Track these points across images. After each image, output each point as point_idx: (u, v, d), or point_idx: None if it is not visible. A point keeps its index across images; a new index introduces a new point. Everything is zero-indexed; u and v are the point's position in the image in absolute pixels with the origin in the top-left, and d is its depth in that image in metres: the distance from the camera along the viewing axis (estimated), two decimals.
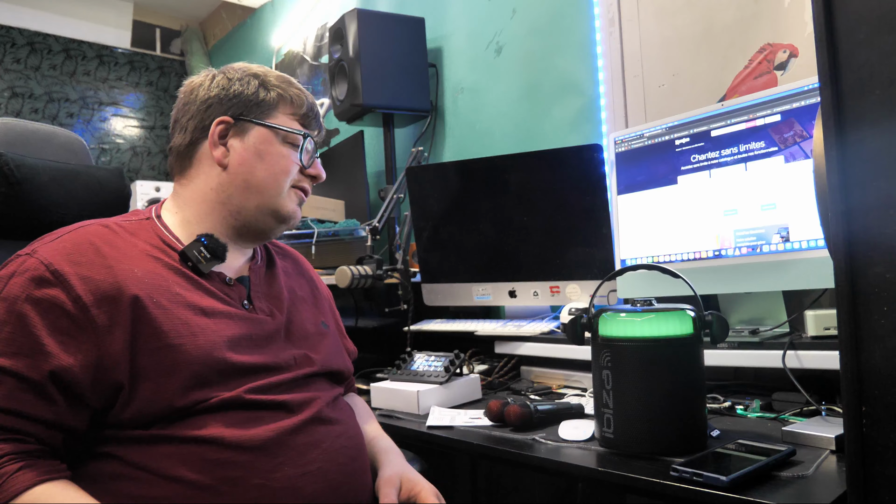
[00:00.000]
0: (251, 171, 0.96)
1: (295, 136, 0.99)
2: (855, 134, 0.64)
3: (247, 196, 0.96)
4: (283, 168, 0.98)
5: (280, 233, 1.03)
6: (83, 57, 4.04)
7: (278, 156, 0.98)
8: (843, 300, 0.64)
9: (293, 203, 1.00)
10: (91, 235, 0.87)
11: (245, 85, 0.98)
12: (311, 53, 3.17)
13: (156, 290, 0.85)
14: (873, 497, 0.63)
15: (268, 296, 1.00)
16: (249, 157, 0.96)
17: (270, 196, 0.97)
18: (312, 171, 1.03)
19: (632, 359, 0.97)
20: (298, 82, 1.04)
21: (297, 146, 1.00)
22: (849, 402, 0.64)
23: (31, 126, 1.30)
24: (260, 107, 0.98)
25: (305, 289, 1.11)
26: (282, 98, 0.99)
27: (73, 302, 0.79)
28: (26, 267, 0.81)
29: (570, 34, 1.95)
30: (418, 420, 1.27)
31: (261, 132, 0.97)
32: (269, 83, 0.99)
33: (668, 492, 0.83)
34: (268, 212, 0.97)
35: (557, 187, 1.61)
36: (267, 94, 0.98)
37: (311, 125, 1.03)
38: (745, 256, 1.28)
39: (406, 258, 1.78)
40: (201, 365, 0.83)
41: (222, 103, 0.97)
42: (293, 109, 1.00)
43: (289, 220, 1.00)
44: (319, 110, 1.06)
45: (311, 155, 1.03)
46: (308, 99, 1.02)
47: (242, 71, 0.99)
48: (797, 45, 1.46)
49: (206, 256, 0.92)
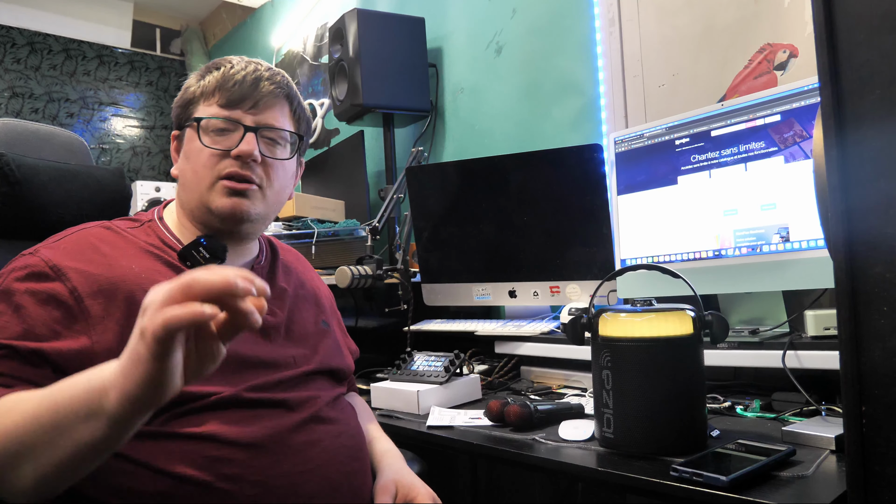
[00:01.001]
0: (184, 173, 0.96)
1: (215, 122, 0.91)
2: (855, 134, 0.64)
3: (189, 197, 0.95)
4: (201, 162, 0.92)
5: (231, 229, 0.94)
6: (83, 57, 4.04)
7: (197, 150, 0.92)
8: (843, 300, 0.64)
9: (221, 197, 0.91)
10: (92, 236, 0.89)
11: (185, 88, 0.96)
12: (311, 53, 3.17)
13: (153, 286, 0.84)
14: (873, 497, 0.63)
15: (270, 296, 0.99)
16: (182, 162, 0.96)
17: (199, 193, 0.92)
18: (236, 150, 0.91)
19: (632, 359, 0.97)
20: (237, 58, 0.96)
21: (222, 132, 0.92)
22: (849, 402, 0.64)
23: (31, 126, 1.30)
24: (186, 107, 0.95)
25: (307, 288, 1.10)
26: (201, 87, 0.94)
27: (70, 292, 0.81)
28: (27, 263, 0.83)
29: (570, 34, 1.95)
30: (418, 420, 1.27)
31: (188, 133, 0.95)
32: (201, 76, 0.95)
33: (668, 492, 0.83)
34: (206, 210, 0.93)
35: (557, 187, 1.61)
36: (195, 88, 0.95)
37: (232, 101, 0.92)
38: (745, 256, 1.28)
39: (406, 258, 1.78)
40: None
41: (175, 116, 0.98)
42: (213, 97, 0.93)
43: (224, 214, 0.91)
44: (250, 77, 0.93)
45: (227, 136, 0.92)
46: (223, 74, 0.92)
47: (199, 70, 0.97)
48: (797, 45, 1.46)
49: (204, 257, 0.91)
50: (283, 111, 0.97)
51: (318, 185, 2.81)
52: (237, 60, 0.95)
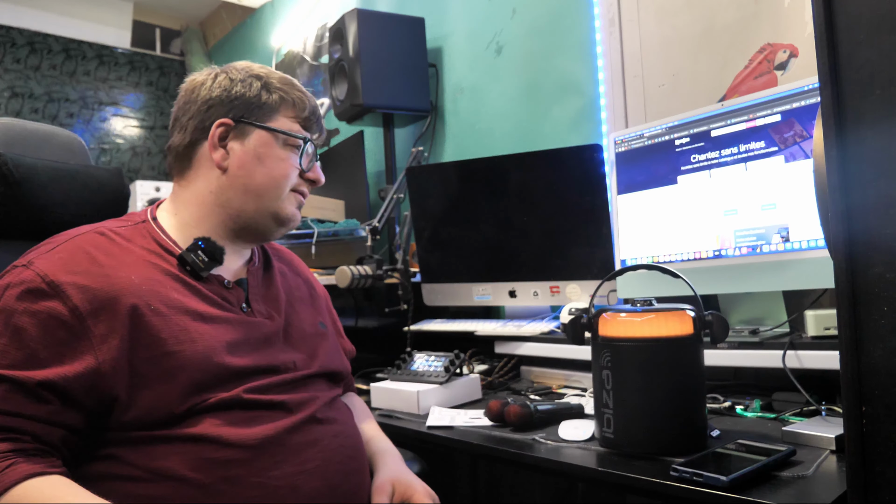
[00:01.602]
0: (250, 174, 0.95)
1: (295, 139, 0.98)
2: (855, 134, 0.64)
3: (246, 199, 0.95)
4: (282, 172, 0.97)
5: (279, 235, 1.02)
6: (83, 57, 4.04)
7: (278, 159, 0.97)
8: (843, 300, 0.64)
9: (292, 206, 1.00)
10: (86, 244, 0.86)
11: (247, 87, 0.97)
12: (311, 53, 3.17)
13: (154, 297, 0.84)
14: (873, 497, 0.63)
15: (266, 298, 1.00)
16: (249, 161, 0.95)
17: (270, 199, 0.96)
18: (312, 175, 1.02)
19: (632, 359, 0.97)
20: (301, 84, 1.03)
21: (297, 149, 0.99)
22: (849, 402, 0.64)
23: (30, 126, 1.30)
24: (261, 109, 0.96)
25: (303, 289, 1.10)
26: (284, 101, 0.98)
27: (71, 312, 0.79)
28: (22, 278, 0.80)
29: (570, 34, 1.95)
30: (418, 420, 1.27)
31: (261, 135, 0.96)
32: (271, 85, 0.98)
33: (668, 492, 0.83)
34: (267, 215, 0.97)
35: (557, 187, 1.61)
36: (269, 96, 0.97)
37: (312, 128, 1.02)
38: (745, 256, 1.28)
39: (406, 258, 1.78)
40: (201, 371, 0.83)
41: (223, 104, 0.95)
42: (295, 112, 0.99)
43: (288, 223, 1.00)
44: (321, 112, 1.05)
45: (311, 159, 1.02)
46: (310, 102, 1.02)
47: (245, 71, 0.98)
48: (797, 45, 1.46)
49: (203, 260, 0.91)
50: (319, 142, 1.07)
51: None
52: (300, 85, 1.03)
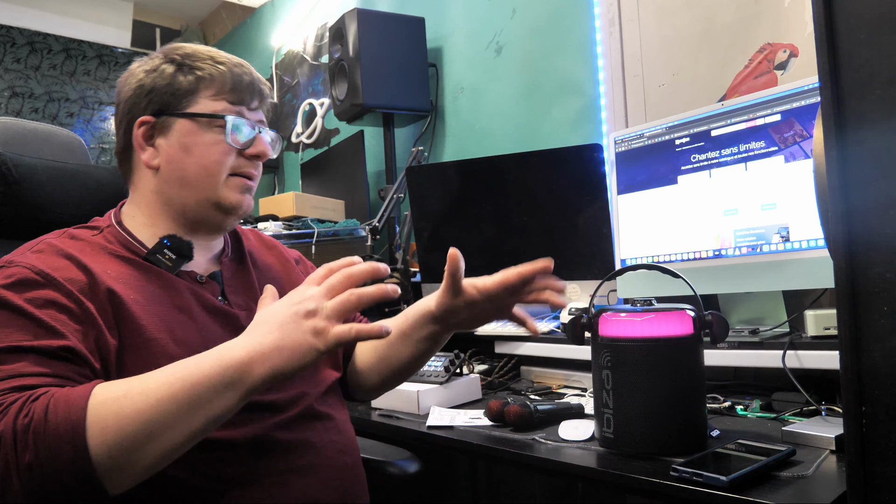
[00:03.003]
0: (182, 167, 0.91)
1: (220, 119, 0.91)
2: (855, 134, 0.64)
3: (184, 194, 0.91)
4: (213, 158, 0.90)
5: (231, 224, 0.97)
6: (83, 57, 4.04)
7: (206, 145, 0.90)
8: (843, 300, 0.64)
9: (235, 193, 0.93)
10: (58, 244, 0.85)
11: (159, 75, 0.91)
12: (311, 53, 3.17)
13: (131, 287, 0.84)
14: (873, 497, 0.63)
15: (242, 288, 0.97)
16: (177, 154, 0.91)
17: (208, 189, 0.91)
18: (252, 150, 0.93)
19: (632, 359, 0.97)
20: (227, 54, 0.95)
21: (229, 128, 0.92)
22: (849, 402, 0.64)
23: (30, 125, 1.30)
24: (178, 96, 0.91)
25: (274, 267, 1.07)
26: (201, 80, 0.91)
27: (67, 296, 0.78)
28: (10, 273, 0.79)
29: (570, 34, 1.95)
30: (418, 420, 1.27)
31: (183, 124, 0.91)
32: (186, 65, 0.91)
33: (668, 492, 0.83)
34: (209, 205, 0.92)
35: (557, 187, 1.61)
36: (185, 78, 0.91)
37: (243, 99, 0.93)
38: (745, 256, 1.28)
39: (406, 258, 1.78)
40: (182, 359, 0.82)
41: (140, 101, 0.92)
42: (216, 89, 0.92)
43: (235, 211, 0.93)
44: (254, 76, 0.95)
45: (245, 134, 0.93)
46: (233, 72, 0.92)
47: (160, 57, 0.93)
48: (797, 44, 1.46)
49: (171, 258, 0.90)
50: (266, 108, 0.99)
51: (318, 185, 2.81)
52: (223, 55, 0.94)
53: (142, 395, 0.68)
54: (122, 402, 0.67)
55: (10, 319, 0.75)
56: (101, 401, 0.67)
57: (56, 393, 0.67)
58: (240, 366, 0.69)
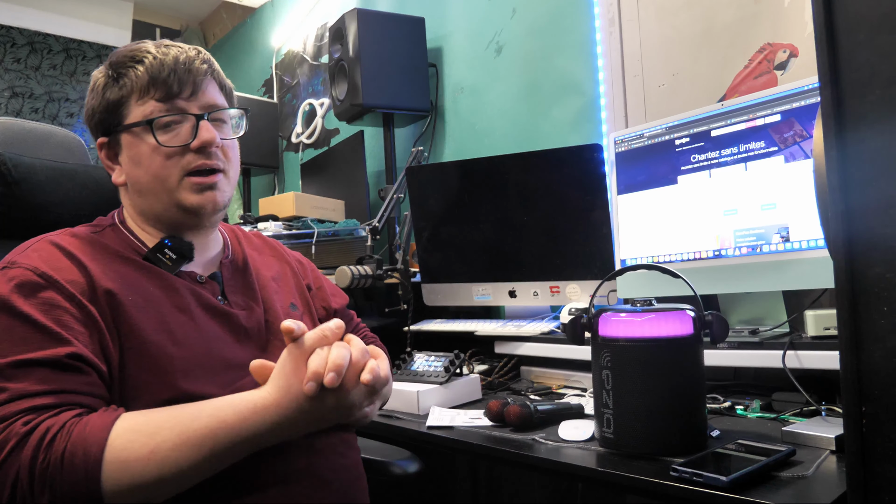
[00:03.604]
0: (137, 180, 0.91)
1: (162, 119, 0.88)
2: (855, 134, 0.64)
3: (150, 202, 0.91)
4: (158, 164, 0.88)
5: (203, 223, 0.94)
6: (83, 57, 4.04)
7: (148, 154, 0.88)
8: (843, 300, 0.64)
9: (192, 194, 0.89)
10: (59, 242, 0.85)
11: (97, 94, 0.91)
12: (311, 53, 3.17)
13: (129, 289, 0.84)
14: (873, 497, 0.63)
15: (242, 289, 0.98)
16: (131, 168, 0.91)
17: (165, 195, 0.90)
18: (195, 142, 0.88)
19: (632, 359, 0.97)
20: (147, 47, 0.90)
21: (169, 127, 0.88)
22: (849, 402, 0.64)
23: (29, 125, 1.30)
24: (111, 111, 0.90)
25: (274, 267, 1.07)
26: (123, 87, 0.88)
27: (69, 299, 0.78)
28: (12, 276, 0.79)
29: (570, 34, 1.95)
30: (418, 420, 1.27)
31: (125, 138, 0.90)
32: (112, 74, 0.89)
33: (668, 492, 0.83)
34: (173, 208, 0.90)
35: (557, 187, 1.61)
36: (111, 91, 0.89)
37: (171, 91, 0.88)
38: (745, 256, 1.28)
39: (406, 258, 1.78)
40: (182, 360, 0.82)
41: (95, 125, 0.93)
42: (139, 91, 0.88)
43: (199, 212, 0.90)
44: (180, 61, 0.88)
45: (181, 129, 0.89)
46: (151, 66, 0.87)
47: (98, 72, 0.92)
48: (797, 45, 1.46)
49: (171, 258, 0.90)
50: (215, 87, 0.94)
51: (318, 185, 2.81)
52: (151, 47, 0.90)
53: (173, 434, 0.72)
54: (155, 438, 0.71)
55: (14, 327, 0.75)
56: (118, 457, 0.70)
57: (74, 433, 0.69)
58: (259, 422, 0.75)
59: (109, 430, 0.70)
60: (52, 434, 0.68)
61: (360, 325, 1.23)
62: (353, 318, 1.22)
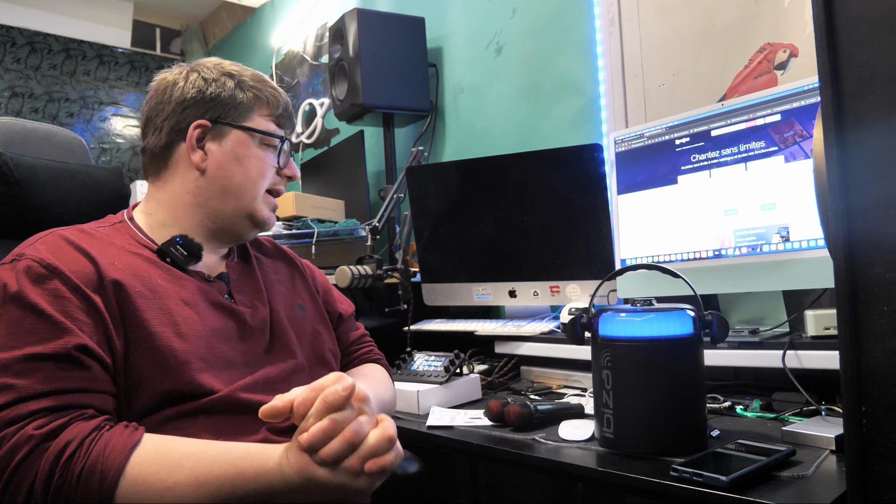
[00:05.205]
0: (229, 175, 0.96)
1: (272, 138, 1.00)
2: (855, 134, 0.64)
3: (224, 200, 0.97)
4: (259, 172, 0.98)
5: (253, 237, 1.04)
6: (83, 57, 4.04)
7: (256, 159, 0.98)
8: (843, 300, 0.64)
9: (267, 209, 1.01)
10: (68, 236, 0.87)
11: (221, 86, 0.97)
12: (311, 53, 3.17)
13: (137, 280, 0.85)
14: (873, 497, 0.63)
15: (248, 289, 1.01)
16: (227, 162, 0.96)
17: (247, 200, 0.98)
18: (288, 171, 1.03)
19: (632, 359, 0.97)
20: (272, 81, 1.04)
21: (274, 148, 1.01)
22: (849, 402, 0.64)
23: (30, 125, 1.30)
24: (237, 109, 0.97)
25: (282, 270, 1.11)
26: (258, 99, 0.99)
27: (73, 291, 0.79)
28: (19, 268, 0.80)
29: (570, 34, 1.95)
30: (418, 420, 1.27)
31: (239, 136, 0.97)
32: (244, 83, 0.99)
33: (668, 492, 0.83)
34: (244, 215, 0.98)
35: (557, 187, 1.61)
36: (243, 94, 0.98)
37: (285, 125, 1.03)
38: (745, 256, 1.28)
39: (406, 258, 1.78)
40: (185, 353, 0.83)
41: (199, 105, 0.96)
42: (269, 110, 1.00)
43: (264, 226, 1.01)
44: (292, 109, 1.06)
45: (287, 156, 1.03)
46: (283, 98, 1.03)
47: (217, 70, 0.98)
48: (797, 44, 1.46)
49: (183, 254, 0.93)
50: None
51: (318, 184, 2.81)
52: (271, 82, 1.03)
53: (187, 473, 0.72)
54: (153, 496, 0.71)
55: (22, 318, 0.76)
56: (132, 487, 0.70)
57: (93, 452, 0.70)
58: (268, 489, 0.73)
59: (129, 456, 0.71)
60: (72, 450, 0.70)
61: (364, 338, 1.23)
62: (359, 328, 1.23)
